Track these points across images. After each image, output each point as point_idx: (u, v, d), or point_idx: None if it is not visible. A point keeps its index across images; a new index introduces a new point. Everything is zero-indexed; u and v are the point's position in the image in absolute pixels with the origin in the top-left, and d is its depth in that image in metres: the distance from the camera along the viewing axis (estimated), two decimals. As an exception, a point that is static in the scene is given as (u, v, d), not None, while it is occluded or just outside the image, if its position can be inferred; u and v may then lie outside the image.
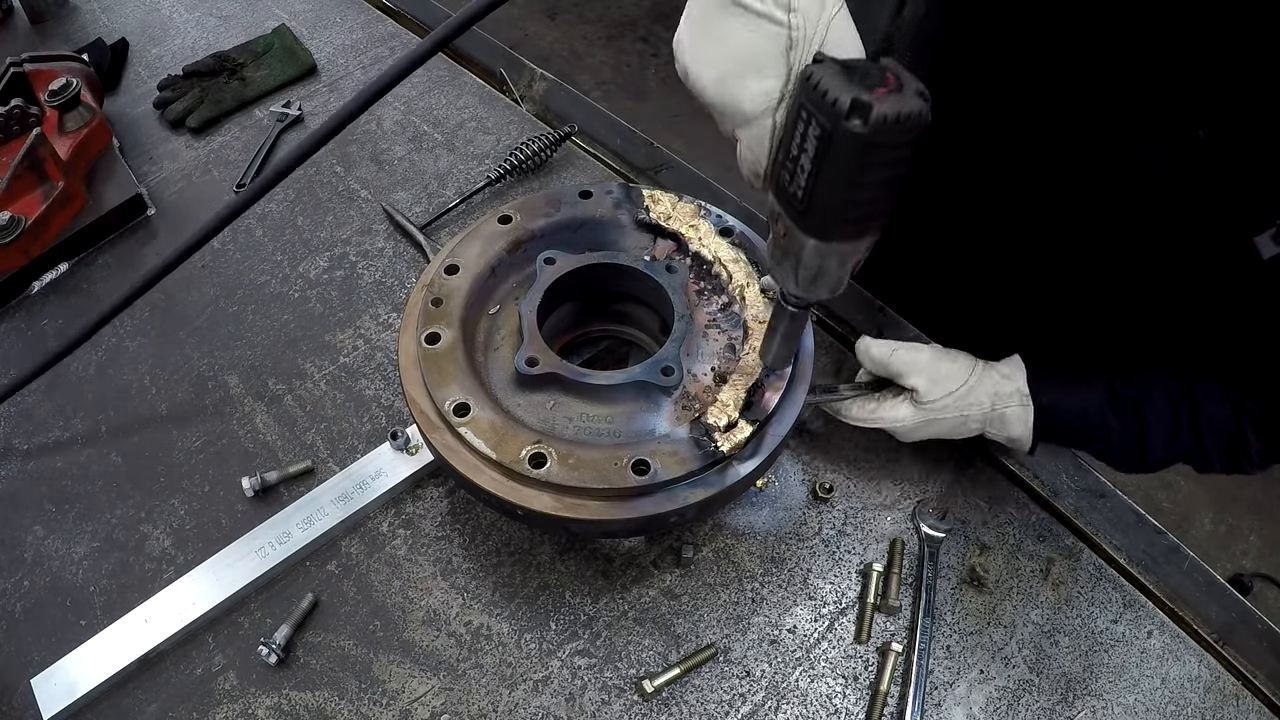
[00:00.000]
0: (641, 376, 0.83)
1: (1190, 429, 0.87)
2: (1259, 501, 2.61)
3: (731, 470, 0.80)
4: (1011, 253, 0.99)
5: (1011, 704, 0.85)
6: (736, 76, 0.62)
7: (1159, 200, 0.82)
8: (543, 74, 1.44)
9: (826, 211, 0.57)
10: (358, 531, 0.95)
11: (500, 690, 0.85)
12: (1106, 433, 0.89)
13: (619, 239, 0.97)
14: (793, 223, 0.60)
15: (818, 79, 0.53)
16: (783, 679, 0.86)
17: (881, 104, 0.50)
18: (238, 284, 1.20)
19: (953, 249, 1.08)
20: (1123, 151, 0.81)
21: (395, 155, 1.36)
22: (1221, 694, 0.87)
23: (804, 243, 0.60)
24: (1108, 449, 0.92)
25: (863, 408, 0.93)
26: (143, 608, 0.87)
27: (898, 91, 0.51)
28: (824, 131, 0.52)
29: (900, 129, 0.51)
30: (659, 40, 4.01)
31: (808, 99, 0.54)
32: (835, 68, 0.54)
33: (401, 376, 0.85)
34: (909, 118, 0.51)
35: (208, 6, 1.66)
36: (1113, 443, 0.90)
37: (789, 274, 0.65)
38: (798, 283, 0.65)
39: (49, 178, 1.20)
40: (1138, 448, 0.89)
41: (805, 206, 0.57)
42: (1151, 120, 0.78)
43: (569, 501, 0.77)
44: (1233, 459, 0.87)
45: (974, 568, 0.93)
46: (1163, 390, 0.88)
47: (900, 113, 0.50)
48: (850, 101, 0.50)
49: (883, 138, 0.51)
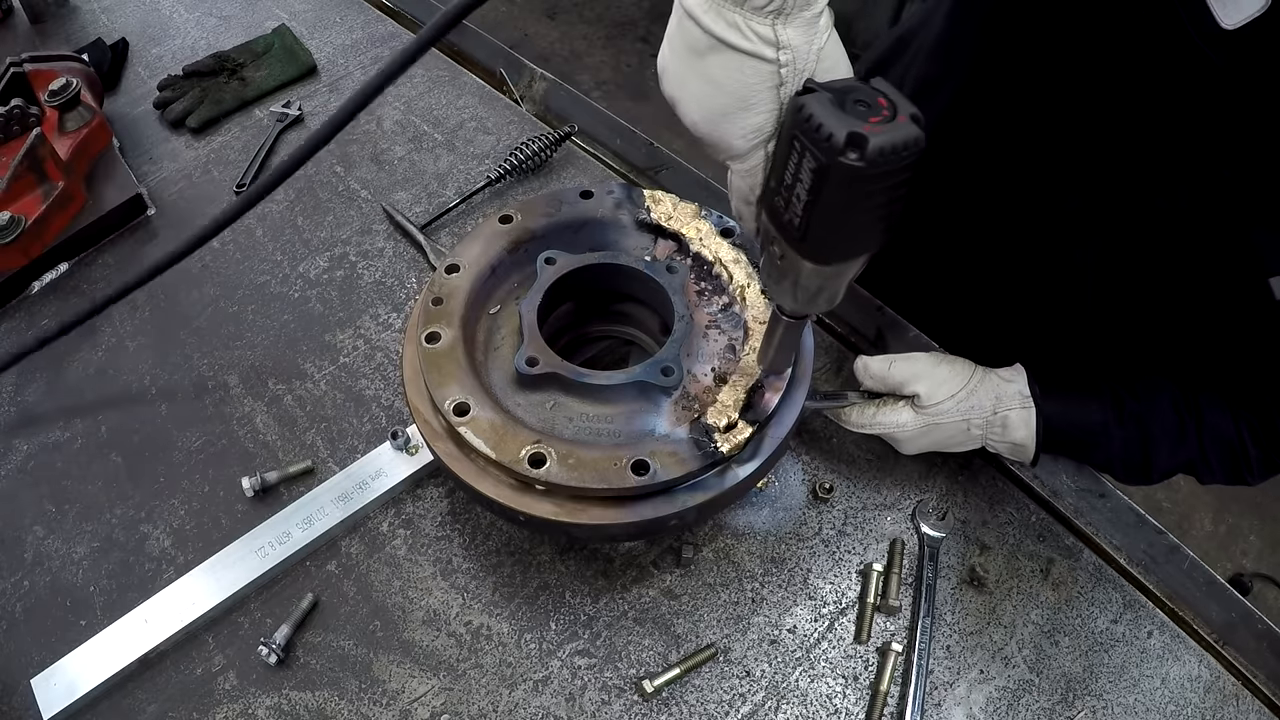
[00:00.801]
0: (641, 377, 0.83)
1: (1194, 439, 0.87)
2: (1259, 501, 2.61)
3: (731, 473, 0.80)
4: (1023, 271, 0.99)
5: (1011, 704, 0.85)
6: (725, 114, 0.60)
7: (1178, 235, 0.82)
8: (543, 74, 1.44)
9: (824, 238, 0.57)
10: (358, 531, 0.95)
11: (500, 690, 0.85)
12: (1109, 443, 0.89)
13: (620, 239, 0.97)
14: (790, 248, 0.59)
15: (809, 111, 0.51)
16: (783, 679, 0.86)
17: (877, 136, 0.49)
18: (238, 284, 1.20)
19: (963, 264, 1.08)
20: (1151, 190, 0.81)
21: (395, 155, 1.36)
22: (1221, 694, 0.87)
23: (801, 266, 0.59)
24: (1110, 460, 0.92)
25: (863, 413, 0.93)
26: (143, 608, 0.87)
27: (891, 119, 0.50)
28: (819, 165, 0.51)
29: (896, 158, 0.50)
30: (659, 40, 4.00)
31: (801, 132, 0.52)
32: (826, 97, 0.52)
33: (405, 386, 0.86)
34: (905, 146, 0.50)
35: (208, 6, 1.66)
36: (1115, 454, 0.90)
37: (787, 293, 0.64)
38: (796, 300, 0.65)
39: (49, 178, 1.20)
40: (1141, 458, 0.89)
41: (802, 234, 0.57)
42: (1183, 161, 0.78)
43: (570, 507, 0.77)
44: (1234, 469, 0.88)
45: (974, 568, 0.93)
46: (1166, 400, 0.88)
47: (895, 142, 0.49)
48: (845, 136, 0.49)
49: (879, 169, 0.50)
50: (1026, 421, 0.88)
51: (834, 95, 0.53)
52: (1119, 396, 0.89)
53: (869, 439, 0.98)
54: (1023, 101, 0.88)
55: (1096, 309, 0.95)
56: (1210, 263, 0.81)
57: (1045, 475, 1.01)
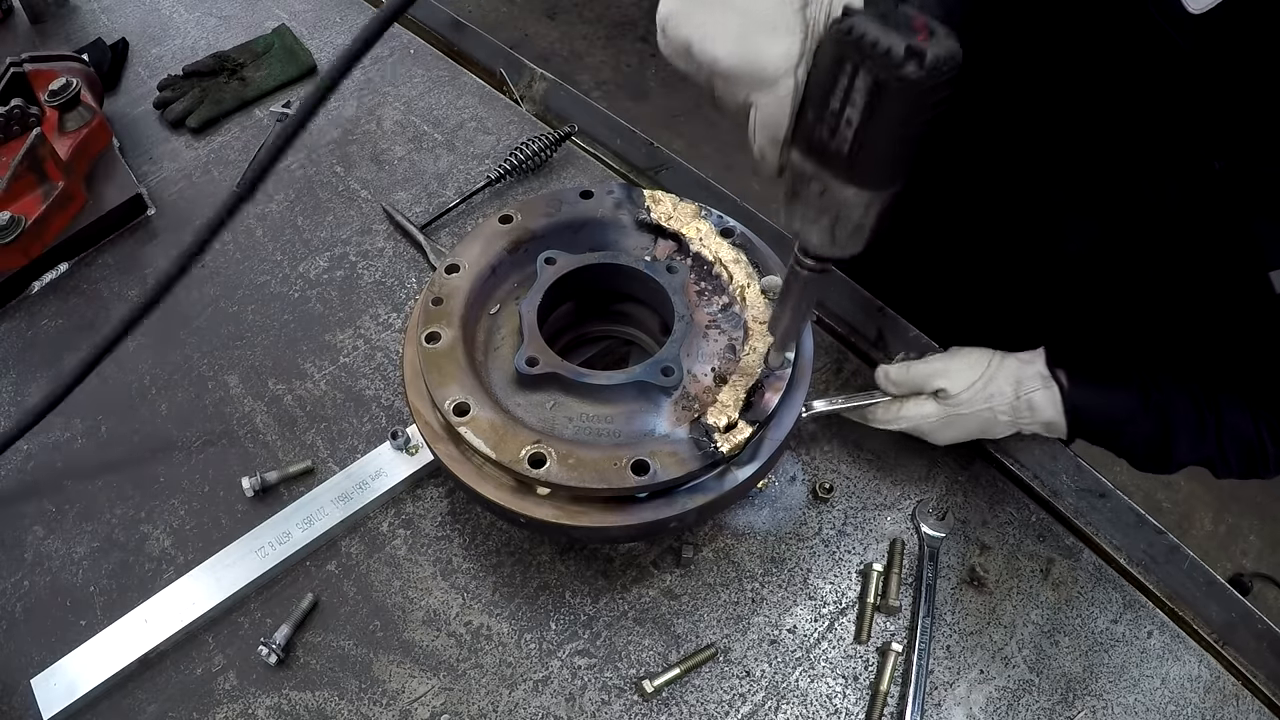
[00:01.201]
0: (641, 377, 0.83)
1: (1214, 438, 0.87)
2: (1259, 501, 2.61)
3: (731, 475, 0.80)
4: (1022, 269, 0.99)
5: (1011, 704, 0.85)
6: (752, 39, 0.59)
7: (1173, 230, 0.82)
8: (543, 74, 1.44)
9: (877, 160, 0.57)
10: (358, 531, 0.95)
11: (500, 690, 0.85)
12: (1134, 431, 0.89)
13: (620, 239, 0.97)
14: (834, 178, 0.59)
15: (861, 30, 0.52)
16: (783, 679, 0.86)
17: (932, 48, 0.50)
18: (238, 284, 1.20)
19: (963, 262, 1.08)
20: (1138, 180, 0.81)
21: (395, 155, 1.36)
22: (1221, 694, 0.87)
23: (846, 196, 0.59)
24: (1133, 448, 0.92)
25: (888, 410, 0.94)
26: (143, 608, 0.87)
27: (933, 34, 0.52)
28: (876, 81, 0.52)
29: (950, 69, 0.51)
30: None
31: (855, 49, 0.53)
32: (871, 16, 0.53)
33: (405, 386, 0.86)
34: (954, 56, 0.51)
35: (208, 6, 1.66)
36: (1138, 442, 0.90)
37: (825, 232, 0.63)
38: (833, 240, 0.64)
39: (49, 178, 1.20)
40: (1162, 450, 0.89)
41: (853, 159, 0.57)
42: (1168, 151, 0.78)
43: (570, 509, 0.77)
44: (1250, 465, 0.88)
45: (974, 568, 0.93)
46: (1187, 396, 0.88)
47: (948, 53, 0.51)
48: (905, 49, 0.50)
49: (936, 80, 0.51)
50: (1053, 401, 0.88)
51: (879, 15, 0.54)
52: (1145, 385, 0.89)
53: (868, 434, 0.98)
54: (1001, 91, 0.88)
55: (1095, 304, 0.95)
56: (1208, 257, 0.81)
57: (1045, 475, 1.01)
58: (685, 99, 0.90)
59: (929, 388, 0.91)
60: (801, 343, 0.86)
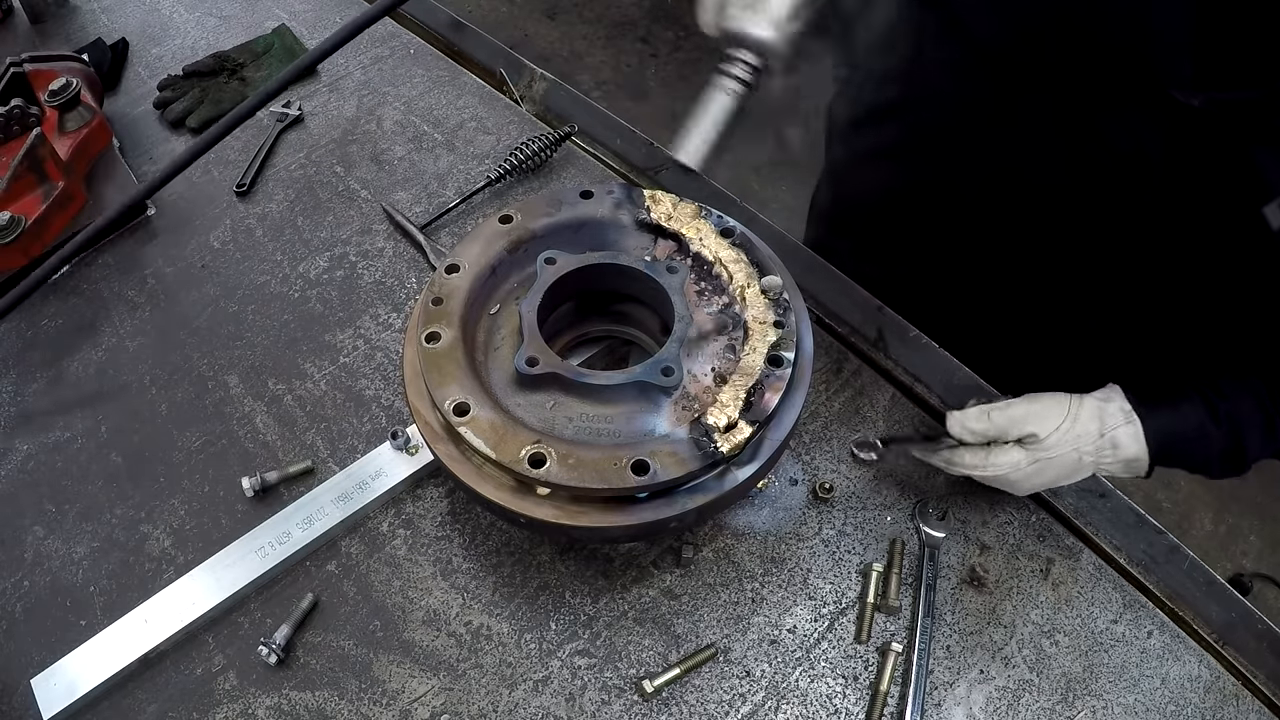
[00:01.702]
0: (641, 377, 0.83)
1: None
2: (1259, 501, 2.61)
3: (731, 475, 0.80)
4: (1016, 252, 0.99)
5: (1011, 704, 0.85)
6: None
7: (1158, 181, 0.80)
8: (543, 74, 1.44)
9: None
10: (358, 531, 0.95)
11: (500, 690, 0.85)
12: (1209, 445, 0.88)
13: (620, 239, 0.97)
14: None
15: None
16: (783, 679, 0.86)
17: None
18: (238, 284, 1.20)
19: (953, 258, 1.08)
20: (1112, 127, 0.79)
21: (395, 155, 1.36)
22: (1221, 694, 0.87)
23: None
24: (1209, 461, 0.91)
25: (975, 455, 0.89)
26: (143, 608, 0.87)
27: None
28: None
29: None
30: (659, 40, 4.01)
31: None
32: None
33: (405, 386, 0.86)
34: None
35: (208, 6, 1.66)
36: (1214, 453, 0.90)
37: None
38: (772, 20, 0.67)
39: (49, 178, 1.20)
40: (1236, 454, 0.89)
41: None
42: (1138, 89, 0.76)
43: (570, 509, 0.77)
44: None
45: (974, 568, 0.93)
46: (1252, 397, 0.88)
47: None
48: None
49: None
50: (1135, 436, 0.86)
51: None
52: (1209, 398, 0.88)
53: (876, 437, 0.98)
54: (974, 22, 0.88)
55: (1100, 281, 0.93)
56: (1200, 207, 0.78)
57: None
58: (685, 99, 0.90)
59: (1013, 434, 0.87)
60: (802, 342, 0.86)
